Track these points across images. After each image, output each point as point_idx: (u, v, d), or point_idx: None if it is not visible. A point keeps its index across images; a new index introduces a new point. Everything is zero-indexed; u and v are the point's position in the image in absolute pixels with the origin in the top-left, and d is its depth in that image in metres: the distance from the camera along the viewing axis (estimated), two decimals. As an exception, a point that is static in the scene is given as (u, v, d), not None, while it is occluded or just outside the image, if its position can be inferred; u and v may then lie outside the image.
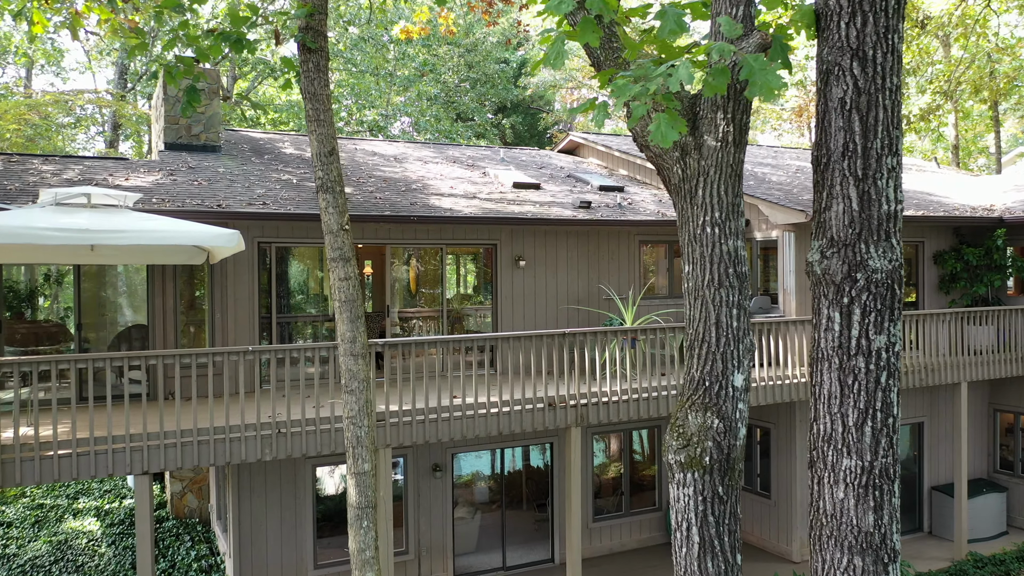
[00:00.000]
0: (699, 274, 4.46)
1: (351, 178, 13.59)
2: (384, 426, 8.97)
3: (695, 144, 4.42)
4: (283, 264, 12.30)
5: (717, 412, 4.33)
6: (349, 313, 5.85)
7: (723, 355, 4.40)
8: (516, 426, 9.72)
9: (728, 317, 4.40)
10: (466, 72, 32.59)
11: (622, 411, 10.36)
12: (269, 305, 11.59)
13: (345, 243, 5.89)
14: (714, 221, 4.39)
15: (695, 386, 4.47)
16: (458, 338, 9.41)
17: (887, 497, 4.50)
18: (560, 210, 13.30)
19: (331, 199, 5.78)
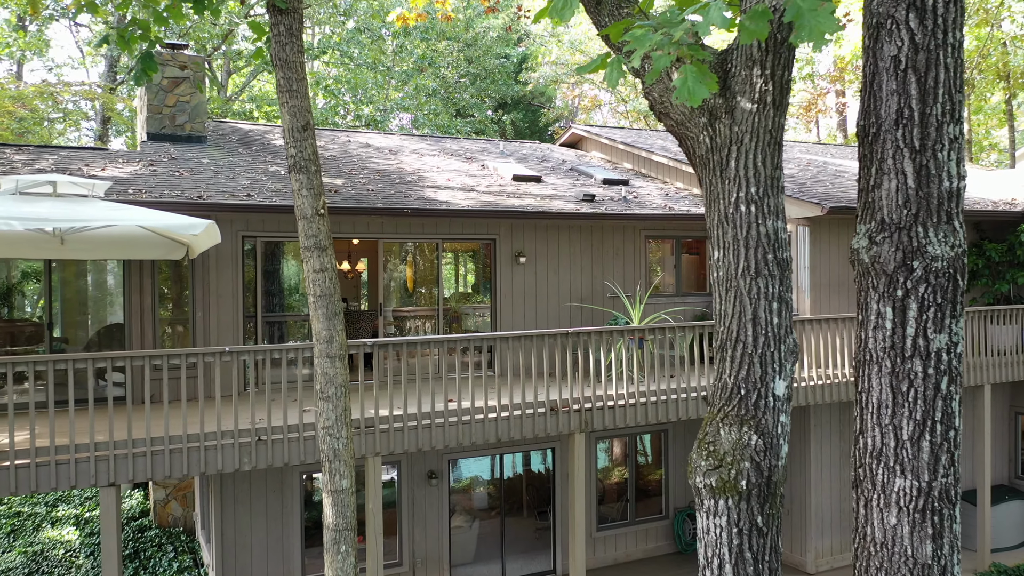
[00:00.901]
0: (731, 261, 3.80)
1: (343, 170, 12.94)
2: (374, 433, 8.32)
3: (726, 107, 3.75)
4: (271, 260, 11.65)
5: (755, 426, 3.66)
6: (325, 309, 5.20)
7: (761, 357, 3.73)
8: (516, 432, 9.07)
9: (767, 312, 3.74)
10: (466, 67, 31.93)
11: (629, 416, 9.71)
12: (255, 303, 10.94)
13: (321, 230, 5.24)
14: (749, 197, 3.72)
15: (728, 395, 3.79)
16: (453, 338, 8.76)
17: (947, 523, 3.85)
18: (562, 203, 12.65)
19: (305, 180, 5.12)
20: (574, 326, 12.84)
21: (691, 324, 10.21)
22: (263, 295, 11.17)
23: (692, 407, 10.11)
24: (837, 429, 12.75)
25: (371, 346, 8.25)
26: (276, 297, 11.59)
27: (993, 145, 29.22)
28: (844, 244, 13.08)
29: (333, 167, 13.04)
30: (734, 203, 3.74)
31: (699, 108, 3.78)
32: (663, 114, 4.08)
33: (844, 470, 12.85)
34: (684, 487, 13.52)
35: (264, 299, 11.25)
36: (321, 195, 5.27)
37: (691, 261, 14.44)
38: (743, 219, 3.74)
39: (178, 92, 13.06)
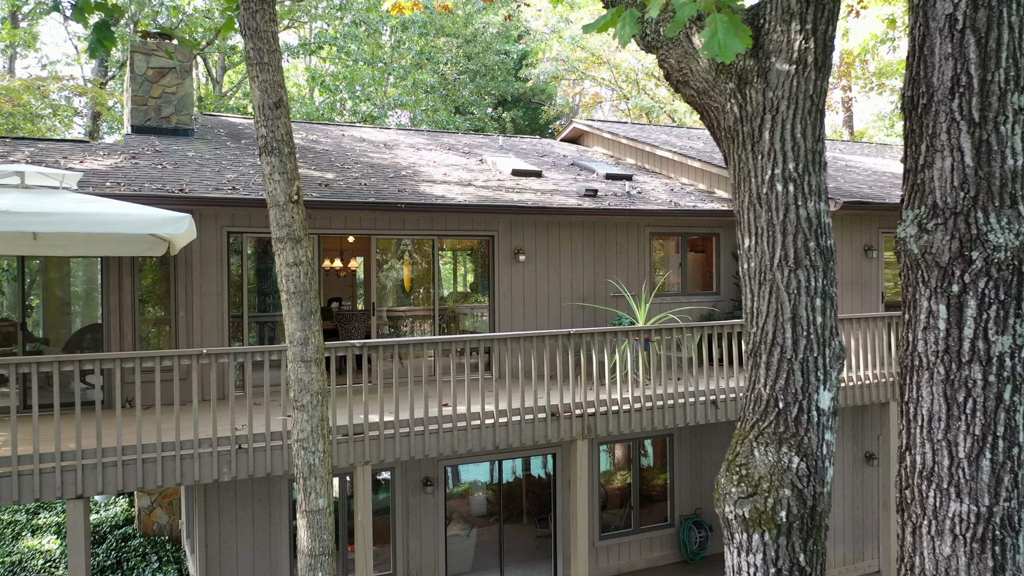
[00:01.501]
0: (766, 249, 3.27)
1: (335, 164, 12.43)
2: (363, 440, 7.80)
3: (758, 69, 3.22)
4: (259, 257, 11.15)
5: (797, 446, 3.12)
6: (300, 308, 4.67)
7: (803, 364, 3.19)
8: (515, 439, 8.55)
9: (808, 310, 3.20)
10: (465, 63, 31.39)
11: (634, 421, 9.19)
12: (242, 302, 10.43)
13: (295, 219, 4.72)
14: (787, 175, 3.20)
15: (764, 408, 3.24)
16: (448, 339, 8.24)
17: (1010, 554, 3.33)
18: (563, 199, 12.14)
19: (277, 163, 4.60)
20: (576, 326, 12.32)
21: (701, 324, 9.70)
22: (250, 294, 10.66)
23: (700, 412, 9.60)
24: (849, 434, 12.24)
25: (360, 348, 7.73)
26: (265, 296, 11.08)
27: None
28: (857, 241, 12.56)
29: (325, 161, 12.53)
30: (768, 182, 3.21)
31: (725, 72, 3.26)
32: (681, 83, 3.56)
33: (856, 476, 12.34)
34: (689, 493, 13.00)
35: (252, 298, 10.74)
36: (295, 180, 4.75)
37: (697, 259, 13.92)
38: (779, 200, 3.21)
39: (164, 83, 12.55)
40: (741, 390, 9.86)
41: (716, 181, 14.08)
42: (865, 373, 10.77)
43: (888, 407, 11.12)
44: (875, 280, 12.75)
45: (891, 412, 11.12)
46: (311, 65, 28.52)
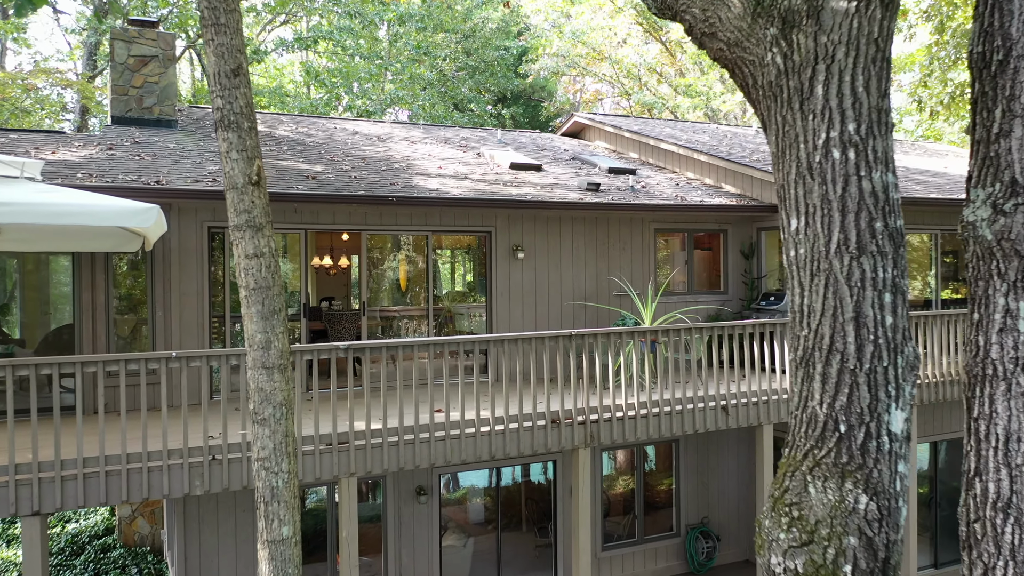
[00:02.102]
0: (820, 232, 2.67)
1: (324, 156, 11.85)
2: (348, 450, 7.22)
3: (808, 10, 2.62)
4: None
5: (864, 481, 2.49)
6: (261, 306, 4.09)
7: (870, 376, 2.58)
8: (512, 447, 7.98)
9: (876, 307, 2.60)
10: (464, 59, 30.80)
11: (640, 428, 8.61)
12: (224, 302, 9.86)
13: (256, 204, 4.13)
14: (846, 138, 2.60)
15: (820, 432, 2.61)
16: (440, 341, 7.67)
17: (1105, 603, 2.74)
18: (564, 193, 11.56)
19: (235, 140, 4.03)
20: (577, 327, 11.75)
21: (711, 325, 9.12)
22: (234, 293, 10.08)
23: (710, 418, 9.02)
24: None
25: (345, 350, 7.15)
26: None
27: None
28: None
29: (314, 153, 11.96)
30: (822, 147, 2.61)
31: (765, 16, 2.68)
32: (707, 36, 2.96)
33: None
34: (696, 501, 12.42)
35: (236, 297, 10.16)
36: (256, 159, 4.16)
37: (703, 257, 13.34)
38: (837, 171, 2.60)
39: (145, 72, 11.97)
40: (753, 395, 9.29)
41: (723, 175, 13.50)
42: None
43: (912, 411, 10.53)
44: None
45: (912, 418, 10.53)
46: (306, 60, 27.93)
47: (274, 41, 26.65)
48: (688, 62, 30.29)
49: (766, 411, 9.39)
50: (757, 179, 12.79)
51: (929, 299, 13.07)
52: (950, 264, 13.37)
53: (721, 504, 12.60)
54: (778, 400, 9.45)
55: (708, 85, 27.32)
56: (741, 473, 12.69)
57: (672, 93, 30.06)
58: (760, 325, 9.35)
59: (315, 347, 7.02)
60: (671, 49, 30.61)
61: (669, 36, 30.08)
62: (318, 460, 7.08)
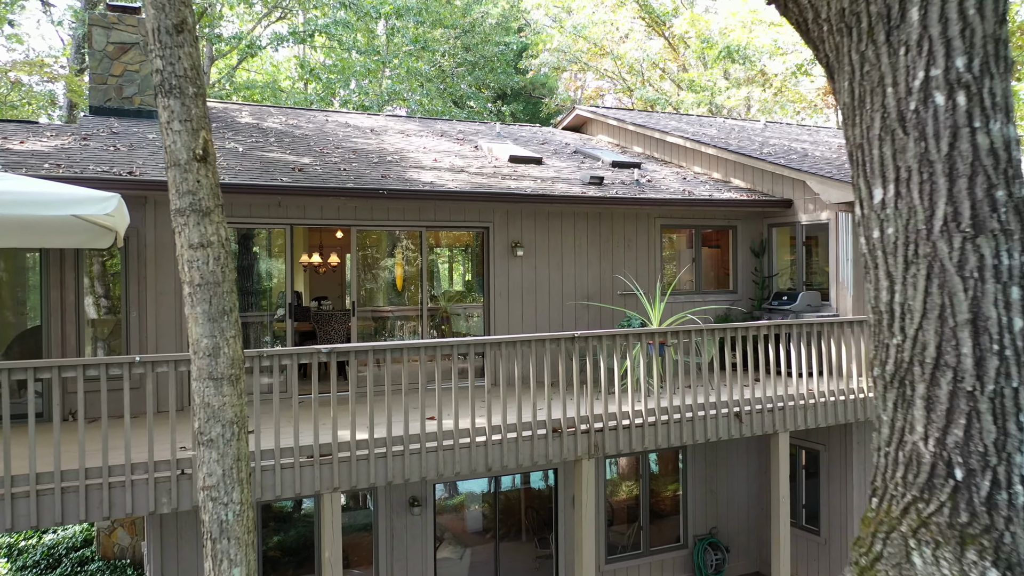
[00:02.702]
0: (918, 203, 1.99)
1: (313, 148, 11.25)
2: (331, 463, 6.62)
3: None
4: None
5: (993, 549, 1.80)
6: (207, 306, 3.47)
7: (994, 401, 1.93)
8: (511, 459, 7.38)
9: (1002, 307, 1.93)
10: (463, 55, 30.21)
11: (648, 437, 8.01)
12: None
13: (202, 184, 3.51)
14: (954, 78, 1.94)
15: (927, 479, 1.91)
16: (432, 343, 7.07)
17: None
18: (566, 186, 10.96)
19: (177, 108, 3.42)
20: (580, 327, 11.15)
21: (724, 326, 8.51)
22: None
23: (723, 426, 8.41)
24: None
25: (327, 354, 6.55)
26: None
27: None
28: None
29: (303, 145, 11.36)
30: (920, 91, 1.96)
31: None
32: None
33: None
34: (704, 510, 11.82)
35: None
36: (202, 130, 3.54)
37: (711, 255, 12.74)
38: (941, 121, 1.95)
39: (126, 60, 11.38)
40: (769, 401, 8.70)
41: (732, 169, 12.90)
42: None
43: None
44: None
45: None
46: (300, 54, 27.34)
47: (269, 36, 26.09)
48: (692, 57, 29.70)
49: (782, 418, 8.79)
50: (768, 172, 12.19)
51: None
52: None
53: (730, 513, 12.00)
54: (795, 407, 8.85)
55: (712, 80, 26.71)
56: (751, 481, 12.09)
57: (675, 89, 29.46)
58: (775, 326, 8.75)
59: (293, 351, 6.43)
60: (674, 44, 30.01)
61: (672, 31, 29.48)
62: (298, 474, 6.48)
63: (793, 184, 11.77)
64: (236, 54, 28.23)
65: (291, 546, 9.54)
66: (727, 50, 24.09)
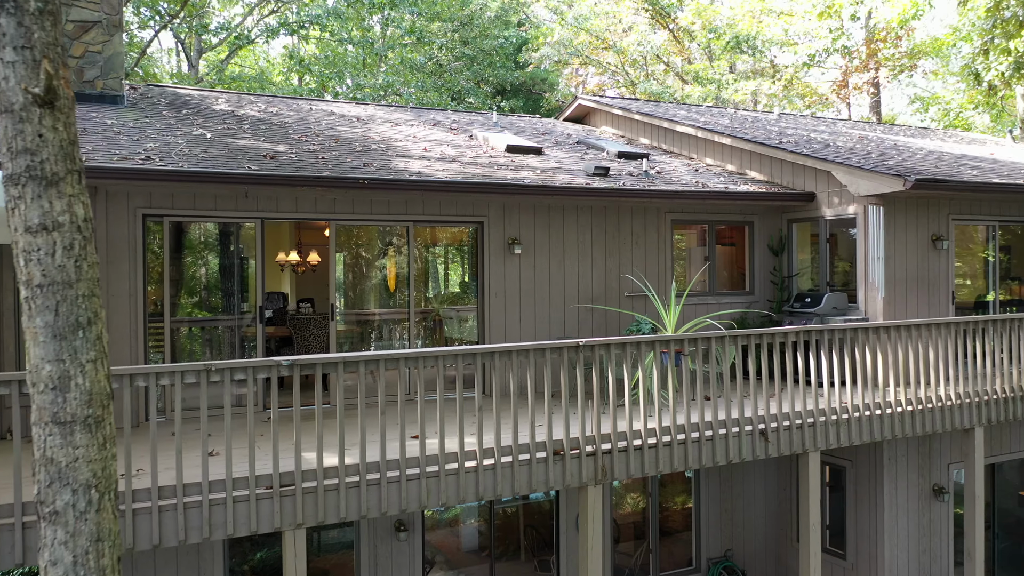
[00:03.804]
0: None
1: (291, 136, 10.27)
2: (294, 495, 5.64)
3: None
4: (189, 247, 9.04)
5: None
6: (52, 316, 2.44)
7: None
8: (505, 486, 6.39)
9: None
10: (461, 48, 29.19)
11: (662, 459, 7.02)
12: (163, 304, 8.28)
13: (46, 140, 2.52)
14: None
15: None
16: (413, 354, 6.08)
17: None
18: (568, 178, 9.98)
19: (10, 28, 2.43)
20: (584, 332, 10.17)
21: (749, 333, 7.52)
22: (176, 294, 8.53)
23: (746, 446, 7.42)
24: (915, 464, 10.06)
25: (289, 366, 5.57)
26: (196, 296, 8.95)
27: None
28: (924, 229, 10.39)
29: (279, 133, 10.38)
30: None
31: None
32: None
33: (922, 515, 10.16)
34: (719, 530, 10.84)
35: (178, 298, 8.62)
36: (46, 61, 2.56)
37: (726, 253, 11.76)
38: None
39: (87, 40, 10.39)
40: (797, 417, 7.71)
41: (748, 160, 11.91)
42: (939, 392, 8.61)
43: (972, 433, 8.94)
44: (944, 276, 10.57)
45: (976, 439, 8.95)
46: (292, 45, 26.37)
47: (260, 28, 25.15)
48: (697, 51, 28.71)
49: (812, 435, 7.80)
50: (788, 163, 11.20)
51: (987, 301, 11.48)
52: (1002, 261, 11.76)
53: (747, 534, 11.01)
54: (826, 422, 7.86)
55: (719, 72, 25.71)
56: (770, 499, 11.10)
57: (680, 84, 28.46)
58: (805, 332, 7.76)
59: (248, 363, 5.45)
60: (679, 37, 29.02)
61: (677, 23, 28.49)
62: (253, 508, 5.50)
63: (816, 175, 10.78)
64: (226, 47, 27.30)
65: (273, 565, 8.57)
66: (736, 40, 23.09)
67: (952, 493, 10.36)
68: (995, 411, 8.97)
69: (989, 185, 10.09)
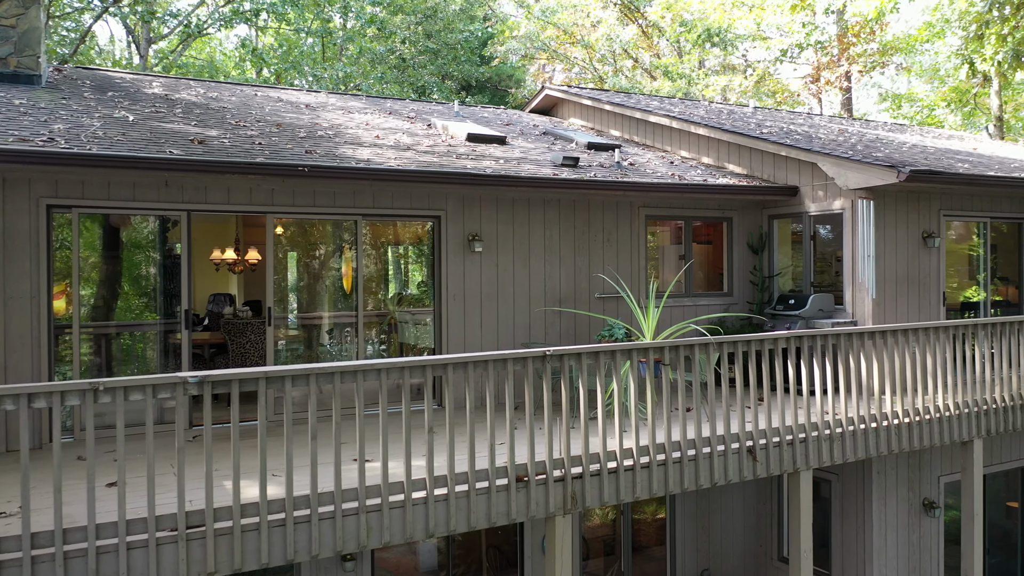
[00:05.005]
0: None
1: (227, 121, 9.28)
2: (205, 537, 4.69)
3: None
4: (102, 242, 8.02)
5: None
6: None
7: None
8: (459, 519, 5.50)
9: None
10: (424, 42, 28.19)
11: (640, 483, 6.18)
12: (72, 308, 7.27)
13: None
14: None
15: None
16: (349, 367, 5.16)
17: None
18: (534, 168, 9.13)
19: None
20: (551, 337, 9.33)
21: (736, 339, 6.72)
22: (88, 296, 7.52)
23: (732, 465, 6.62)
24: (905, 476, 9.38)
25: (197, 384, 4.62)
26: (115, 298, 7.94)
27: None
28: (915, 225, 9.72)
29: (215, 118, 9.38)
30: None
31: None
32: None
33: (912, 532, 9.48)
34: (695, 547, 10.06)
35: (92, 300, 7.61)
36: None
37: (703, 251, 11.01)
38: None
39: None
40: (788, 432, 6.93)
41: (726, 153, 11.16)
42: (937, 402, 7.90)
43: (971, 446, 8.25)
44: (935, 276, 9.91)
45: (975, 452, 8.26)
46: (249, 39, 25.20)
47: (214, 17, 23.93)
48: (667, 46, 28.05)
49: (804, 452, 7.02)
50: (769, 155, 10.47)
51: (976, 301, 10.85)
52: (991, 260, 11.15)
53: (725, 550, 10.25)
54: (819, 437, 7.09)
55: (690, 67, 25.04)
56: (748, 513, 10.35)
57: (648, 79, 27.76)
58: (797, 338, 6.99)
59: (145, 380, 4.49)
60: (648, 32, 28.34)
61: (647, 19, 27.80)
62: (153, 555, 4.54)
63: (799, 168, 10.06)
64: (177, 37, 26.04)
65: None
66: (707, 33, 22.43)
67: (943, 507, 9.70)
68: (995, 422, 8.30)
69: (985, 178, 9.43)
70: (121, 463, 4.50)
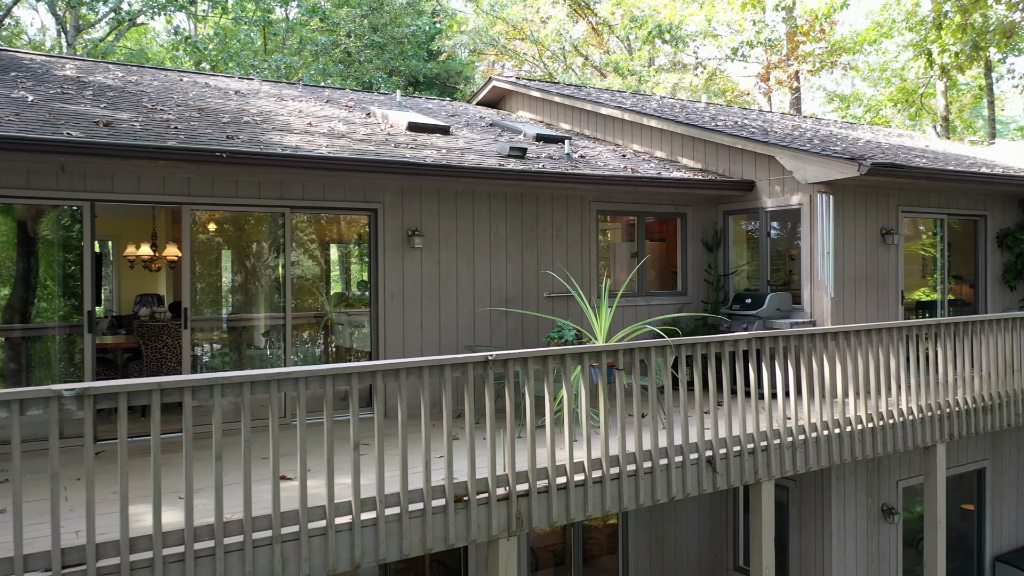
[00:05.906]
0: None
1: (141, 104, 8.49)
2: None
3: None
4: (7, 237, 7.22)
5: None
6: None
7: None
8: (390, 546, 4.88)
9: None
10: (370, 35, 27.36)
11: (591, 500, 5.64)
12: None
13: None
14: None
15: None
16: (261, 375, 4.50)
17: None
18: (479, 159, 8.55)
19: None
20: (497, 339, 8.75)
21: (694, 341, 6.22)
22: (17, 289, 6.71)
23: (691, 478, 6.12)
24: (864, 482, 9.04)
25: (75, 397, 3.92)
26: (17, 299, 7.12)
27: (969, 125, 26.36)
28: (873, 222, 9.39)
29: (129, 102, 8.57)
30: None
31: None
32: None
33: (871, 539, 9.15)
34: (648, 558, 9.59)
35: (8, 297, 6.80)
36: None
37: (656, 249, 10.56)
38: None
39: None
40: (749, 440, 6.47)
41: (680, 146, 10.74)
42: (900, 406, 7.54)
43: (933, 451, 7.92)
44: (893, 274, 9.61)
45: (937, 457, 7.93)
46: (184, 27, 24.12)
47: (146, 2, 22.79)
48: (617, 43, 27.73)
49: (765, 462, 6.57)
50: (724, 148, 10.06)
51: (933, 300, 10.60)
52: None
53: (679, 560, 9.80)
54: (780, 445, 6.64)
55: (641, 64, 24.74)
56: (703, 521, 9.92)
57: (599, 77, 27.41)
58: (758, 340, 6.53)
59: (8, 395, 3.78)
60: (598, 29, 27.98)
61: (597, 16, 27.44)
62: (20, 602, 3.83)
63: (756, 162, 9.67)
64: (108, 25, 24.80)
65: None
66: (657, 29, 22.13)
67: (901, 513, 9.40)
68: (958, 425, 7.98)
69: (946, 172, 9.15)
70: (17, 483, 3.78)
